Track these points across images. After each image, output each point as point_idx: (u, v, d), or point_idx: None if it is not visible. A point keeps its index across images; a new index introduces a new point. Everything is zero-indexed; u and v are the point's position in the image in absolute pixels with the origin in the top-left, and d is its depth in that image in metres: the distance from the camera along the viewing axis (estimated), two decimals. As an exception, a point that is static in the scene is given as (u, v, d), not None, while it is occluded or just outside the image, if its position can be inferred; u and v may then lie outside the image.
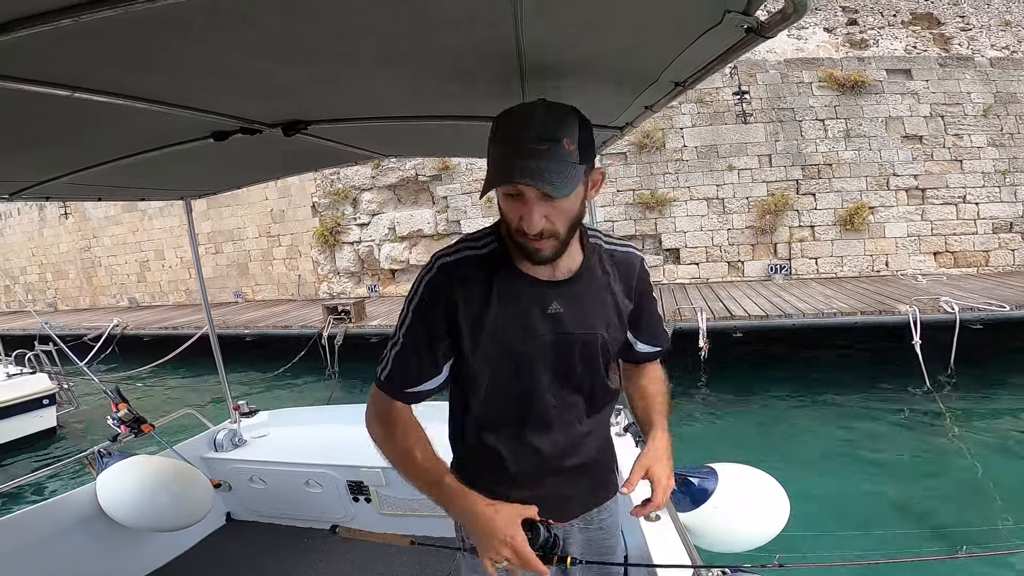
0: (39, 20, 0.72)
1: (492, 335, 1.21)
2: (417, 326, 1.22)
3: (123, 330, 12.50)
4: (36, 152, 1.43)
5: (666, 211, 11.49)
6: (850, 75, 10.73)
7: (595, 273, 1.27)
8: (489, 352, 1.23)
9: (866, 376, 7.66)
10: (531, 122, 1.06)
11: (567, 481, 1.36)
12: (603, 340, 1.28)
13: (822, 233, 10.95)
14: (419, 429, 1.28)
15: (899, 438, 5.91)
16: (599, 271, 1.28)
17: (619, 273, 1.31)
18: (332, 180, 13.57)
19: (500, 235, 1.23)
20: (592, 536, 1.43)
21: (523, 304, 1.21)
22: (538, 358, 1.24)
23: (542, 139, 1.03)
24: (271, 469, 3.01)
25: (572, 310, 1.24)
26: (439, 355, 1.24)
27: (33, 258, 19.07)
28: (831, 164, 10.85)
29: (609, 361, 1.33)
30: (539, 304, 1.22)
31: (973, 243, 10.50)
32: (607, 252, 1.30)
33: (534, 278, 1.21)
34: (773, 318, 8.08)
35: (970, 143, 10.49)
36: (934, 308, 7.66)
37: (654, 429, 1.40)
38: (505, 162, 1.05)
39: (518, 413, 1.29)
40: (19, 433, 7.43)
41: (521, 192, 1.06)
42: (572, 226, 1.13)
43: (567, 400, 1.30)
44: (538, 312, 1.22)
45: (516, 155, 1.03)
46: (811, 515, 4.17)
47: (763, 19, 0.93)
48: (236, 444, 3.18)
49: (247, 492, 3.07)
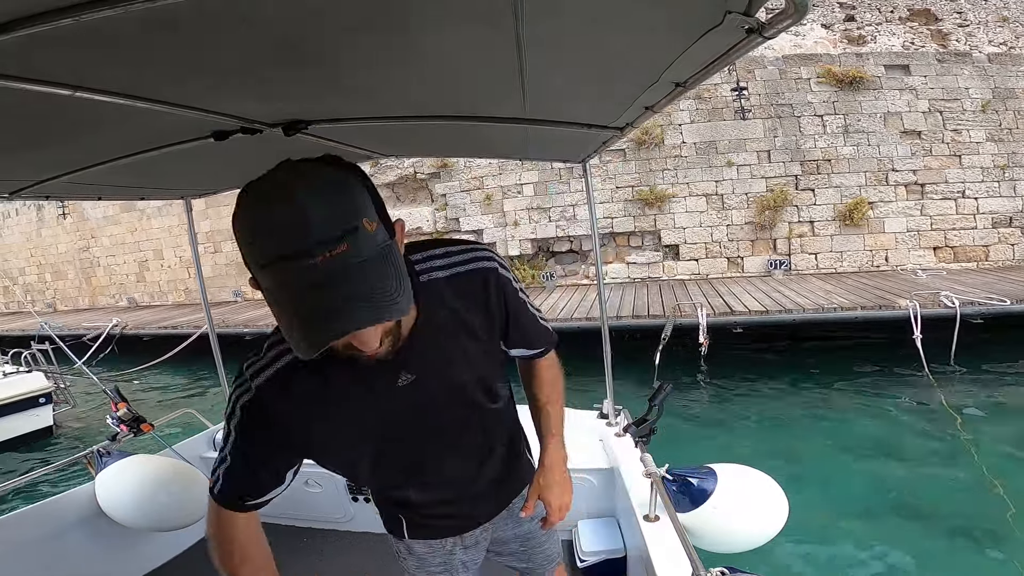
0: (39, 20, 0.72)
1: (343, 441, 1.10)
2: (243, 446, 1.05)
3: (122, 330, 12.50)
4: (37, 151, 1.42)
5: (665, 207, 11.49)
6: (848, 71, 10.73)
7: (438, 318, 1.06)
8: (348, 456, 1.15)
9: (867, 371, 7.67)
10: (304, 224, 0.74)
11: (484, 493, 1.37)
12: (473, 382, 1.17)
13: (821, 229, 10.96)
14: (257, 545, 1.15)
15: (901, 433, 5.92)
16: (442, 312, 1.07)
17: (470, 300, 1.10)
18: (331, 178, 13.54)
19: None
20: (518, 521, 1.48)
21: (369, 395, 1.05)
22: (408, 437, 1.14)
23: (333, 241, 0.75)
24: None
25: (426, 372, 1.07)
26: (278, 469, 1.10)
27: (32, 259, 19.05)
28: (830, 160, 10.86)
29: (490, 388, 1.23)
30: (387, 386, 1.05)
31: (973, 238, 10.52)
32: (448, 282, 1.08)
33: (369, 361, 0.95)
34: (773, 313, 8.10)
35: (969, 138, 10.51)
36: (934, 303, 7.68)
37: (544, 447, 1.41)
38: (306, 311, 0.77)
39: (410, 478, 1.26)
40: (15, 432, 7.41)
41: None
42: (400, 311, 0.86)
43: (460, 445, 1.25)
44: (389, 395, 1.06)
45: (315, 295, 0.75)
46: (811, 512, 4.18)
47: (764, 20, 0.93)
48: None
49: None
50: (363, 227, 0.78)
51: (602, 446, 2.70)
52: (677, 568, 1.62)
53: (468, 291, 1.09)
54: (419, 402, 1.09)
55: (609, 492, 2.58)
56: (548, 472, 1.39)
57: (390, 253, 0.82)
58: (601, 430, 2.80)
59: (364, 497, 2.91)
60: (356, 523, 2.95)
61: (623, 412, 2.81)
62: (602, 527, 2.51)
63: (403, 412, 1.09)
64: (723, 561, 1.55)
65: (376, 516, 2.88)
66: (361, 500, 2.92)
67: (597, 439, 2.75)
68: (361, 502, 2.92)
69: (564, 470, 1.42)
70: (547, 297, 10.75)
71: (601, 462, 2.61)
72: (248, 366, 1.03)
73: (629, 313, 8.76)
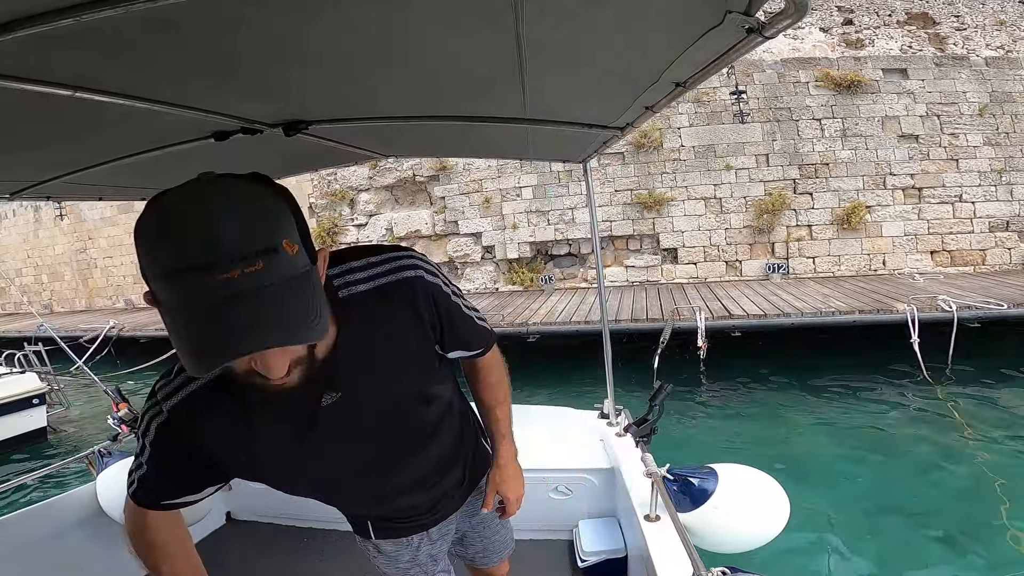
0: (39, 20, 0.72)
1: (271, 467, 1.07)
2: (158, 459, 1.02)
3: (119, 332, 12.45)
4: (37, 152, 1.42)
5: (664, 211, 11.50)
6: (846, 75, 10.76)
7: (360, 332, 1.00)
8: (280, 482, 1.14)
9: (865, 375, 7.67)
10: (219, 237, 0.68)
11: (446, 493, 1.38)
12: (406, 392, 1.12)
13: (819, 232, 10.98)
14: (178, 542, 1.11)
15: (899, 436, 5.92)
16: (365, 326, 1.01)
17: (397, 311, 1.04)
18: (329, 181, 13.55)
19: None
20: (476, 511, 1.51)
21: (291, 419, 1.00)
22: (346, 458, 1.10)
23: (249, 258, 0.69)
24: None
25: (354, 387, 1.01)
26: (197, 484, 1.07)
27: (28, 260, 19.00)
28: (828, 163, 10.88)
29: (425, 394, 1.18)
30: (309, 409, 0.99)
31: (970, 242, 10.54)
32: (371, 295, 1.01)
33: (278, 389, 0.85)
34: (771, 317, 8.10)
35: (966, 142, 10.53)
36: (932, 307, 7.68)
37: (497, 444, 1.47)
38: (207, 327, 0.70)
39: (355, 493, 1.28)
40: (8, 433, 7.28)
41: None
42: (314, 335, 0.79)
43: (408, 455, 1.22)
44: (313, 417, 1.00)
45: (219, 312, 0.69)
46: (811, 513, 4.18)
47: (764, 20, 0.93)
48: None
49: (247, 492, 3.06)
50: (283, 248, 0.73)
51: (603, 446, 2.70)
52: (678, 568, 1.62)
53: (395, 302, 1.03)
54: (350, 420, 1.03)
55: (610, 492, 2.58)
56: (503, 469, 1.46)
57: (309, 279, 0.77)
58: (602, 430, 2.80)
59: None
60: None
61: (624, 412, 2.81)
62: (603, 527, 2.51)
63: (333, 433, 1.03)
64: (724, 561, 1.54)
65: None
66: None
67: (598, 439, 2.75)
68: None
69: (516, 465, 1.50)
70: (545, 300, 10.75)
71: (602, 462, 2.61)
72: (160, 387, 0.99)
73: (628, 316, 8.75)
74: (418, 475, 1.28)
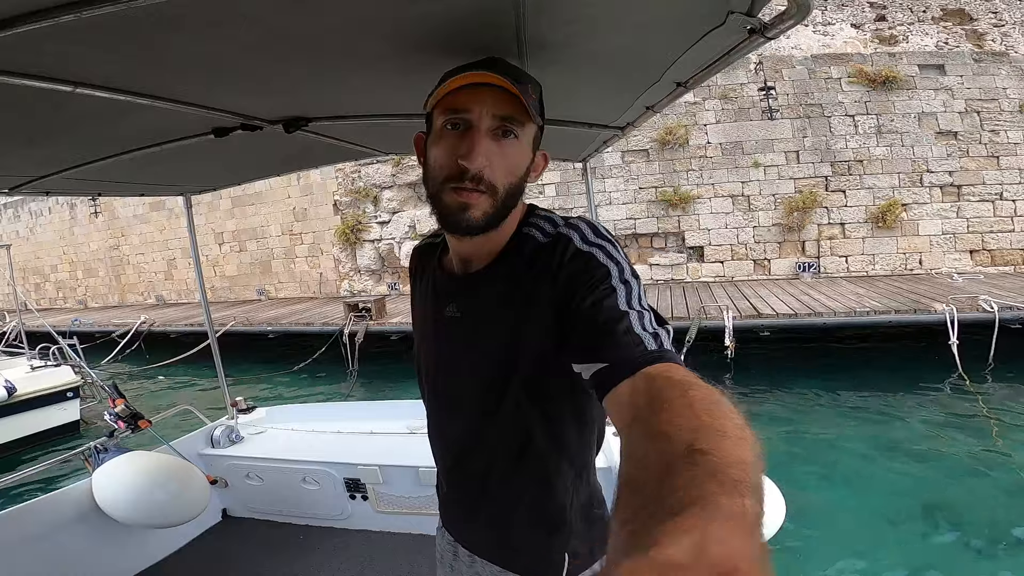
0: (41, 16, 0.74)
1: (418, 334, 1.15)
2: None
3: (150, 327, 12.72)
4: (38, 147, 1.43)
5: (689, 208, 11.33)
6: (881, 70, 10.49)
7: (512, 268, 0.93)
8: (417, 355, 1.16)
9: (900, 377, 7.44)
10: (495, 59, 0.92)
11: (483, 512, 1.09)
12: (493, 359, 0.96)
13: (853, 231, 10.71)
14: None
15: (936, 440, 5.72)
16: (520, 266, 0.93)
17: (543, 265, 0.90)
18: (353, 179, 13.66)
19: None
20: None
21: (429, 305, 1.08)
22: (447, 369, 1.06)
23: (507, 74, 0.87)
24: (268, 466, 3.00)
25: (470, 313, 0.98)
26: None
27: (64, 256, 19.56)
28: (862, 161, 10.61)
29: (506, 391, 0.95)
30: (440, 306, 1.03)
31: (1011, 241, 10.19)
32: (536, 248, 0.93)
33: (445, 272, 1.04)
34: (802, 317, 7.90)
35: (1007, 139, 10.20)
36: (972, 307, 7.43)
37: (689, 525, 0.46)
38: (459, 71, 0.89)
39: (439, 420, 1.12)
40: (43, 426, 7.44)
41: (469, 122, 0.86)
42: (510, 191, 0.89)
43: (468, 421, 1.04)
44: (438, 316, 1.03)
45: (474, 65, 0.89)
46: (841, 516, 4.06)
47: (766, 20, 0.94)
48: (233, 440, 3.17)
49: (244, 489, 3.07)
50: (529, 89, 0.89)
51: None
52: None
53: (544, 256, 0.91)
54: (455, 343, 1.03)
55: (608, 491, 2.51)
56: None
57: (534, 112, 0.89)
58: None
59: (362, 495, 2.89)
60: (353, 521, 2.93)
61: None
62: None
63: (443, 343, 1.06)
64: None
65: (375, 514, 2.88)
66: (359, 498, 2.90)
67: None
68: (359, 500, 2.90)
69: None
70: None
71: (601, 461, 2.54)
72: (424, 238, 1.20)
73: (652, 316, 8.62)
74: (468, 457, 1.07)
